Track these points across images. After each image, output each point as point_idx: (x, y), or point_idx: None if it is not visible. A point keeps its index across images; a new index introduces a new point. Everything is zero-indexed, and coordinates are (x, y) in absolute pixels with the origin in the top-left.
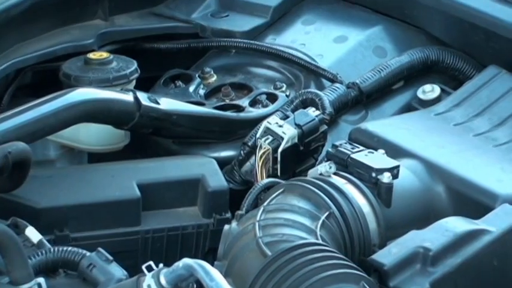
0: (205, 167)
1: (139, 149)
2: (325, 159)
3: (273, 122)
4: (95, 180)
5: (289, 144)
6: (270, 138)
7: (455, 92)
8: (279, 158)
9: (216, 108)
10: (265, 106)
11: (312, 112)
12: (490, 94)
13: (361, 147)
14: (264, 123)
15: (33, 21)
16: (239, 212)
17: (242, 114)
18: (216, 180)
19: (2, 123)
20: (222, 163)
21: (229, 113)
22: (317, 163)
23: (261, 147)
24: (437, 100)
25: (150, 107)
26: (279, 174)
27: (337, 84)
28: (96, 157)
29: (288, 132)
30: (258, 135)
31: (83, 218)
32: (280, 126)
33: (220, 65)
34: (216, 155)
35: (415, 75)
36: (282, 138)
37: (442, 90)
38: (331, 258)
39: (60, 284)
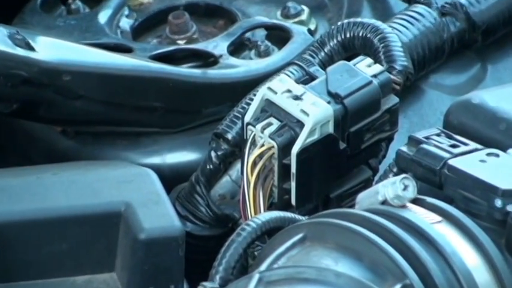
0: (132, 188)
1: None
2: (395, 169)
3: (280, 90)
4: None
5: (315, 137)
6: (275, 123)
7: None
8: (293, 169)
9: (157, 59)
10: (264, 54)
11: (367, 67)
12: None
13: (472, 144)
14: (262, 92)
15: None
16: (207, 284)
17: (213, 72)
18: (157, 216)
19: None
20: (171, 178)
21: (186, 70)
22: (376, 178)
23: (254, 143)
24: None
25: (14, 56)
26: (293, 202)
27: (420, 7)
28: None
29: (314, 111)
30: (247, 119)
31: None
32: (297, 98)
33: None
34: (156, 160)
35: None
36: (302, 125)
37: None
38: None
39: None
